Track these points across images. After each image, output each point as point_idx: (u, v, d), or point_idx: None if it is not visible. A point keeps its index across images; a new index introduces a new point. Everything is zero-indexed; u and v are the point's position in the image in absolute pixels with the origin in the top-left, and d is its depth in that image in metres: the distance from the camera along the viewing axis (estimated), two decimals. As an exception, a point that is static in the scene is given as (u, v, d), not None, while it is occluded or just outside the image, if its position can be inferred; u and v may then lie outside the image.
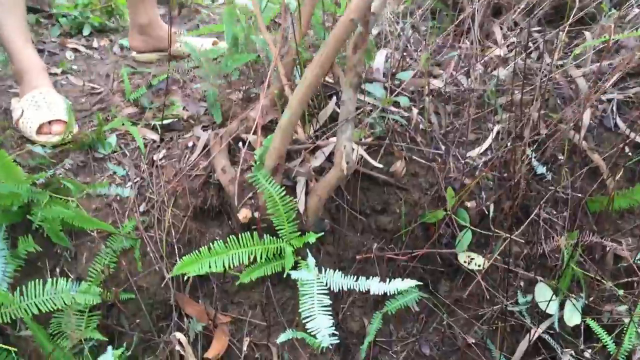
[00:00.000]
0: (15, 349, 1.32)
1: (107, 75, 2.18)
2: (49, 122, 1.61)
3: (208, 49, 1.95)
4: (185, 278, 1.52)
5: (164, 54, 2.22)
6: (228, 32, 1.83)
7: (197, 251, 1.36)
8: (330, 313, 1.29)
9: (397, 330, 1.71)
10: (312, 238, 1.44)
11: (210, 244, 1.37)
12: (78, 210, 1.45)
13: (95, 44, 2.62)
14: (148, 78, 2.04)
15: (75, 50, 2.52)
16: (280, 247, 1.43)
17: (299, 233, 1.45)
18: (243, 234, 1.39)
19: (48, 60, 2.34)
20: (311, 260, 1.40)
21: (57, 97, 1.68)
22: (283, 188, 1.41)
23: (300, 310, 1.31)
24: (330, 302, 1.30)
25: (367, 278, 1.37)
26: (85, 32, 2.74)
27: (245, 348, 1.55)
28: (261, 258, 1.40)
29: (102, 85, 2.08)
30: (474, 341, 1.68)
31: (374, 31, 2.16)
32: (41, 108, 1.61)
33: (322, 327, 1.27)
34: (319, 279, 1.36)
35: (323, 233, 1.50)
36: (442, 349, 1.70)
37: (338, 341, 1.24)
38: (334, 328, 1.25)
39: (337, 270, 1.36)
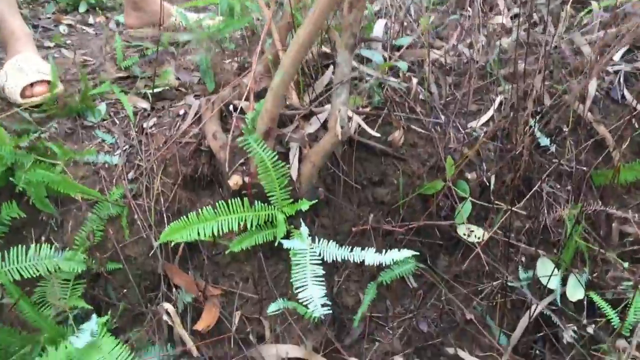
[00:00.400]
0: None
1: (101, 49, 2.13)
2: (31, 85, 1.57)
3: (202, 18, 1.90)
4: (174, 246, 1.47)
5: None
6: (223, 1, 1.78)
7: (185, 217, 1.30)
8: (323, 283, 1.24)
9: (394, 306, 1.66)
10: (305, 205, 1.38)
11: (199, 210, 1.31)
12: (64, 176, 1.40)
13: (90, 21, 2.58)
14: (142, 50, 1.99)
15: (70, 26, 2.47)
16: (272, 215, 1.38)
17: (291, 200, 1.40)
18: (233, 200, 1.34)
19: (42, 35, 2.30)
20: (304, 229, 1.35)
21: (40, 61, 1.65)
22: (275, 153, 1.36)
23: (292, 281, 1.26)
24: (324, 272, 1.25)
25: (363, 249, 1.32)
26: (82, 9, 2.69)
27: (236, 321, 1.50)
28: (252, 226, 1.35)
29: (95, 58, 2.03)
30: (473, 317, 1.63)
31: (375, 7, 2.10)
32: (23, 71, 1.57)
33: (314, 297, 1.22)
34: (312, 248, 1.31)
35: (317, 201, 1.45)
36: (440, 325, 1.65)
37: (330, 312, 1.19)
38: (326, 298, 1.21)
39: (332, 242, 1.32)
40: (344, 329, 1.61)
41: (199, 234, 1.29)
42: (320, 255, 1.30)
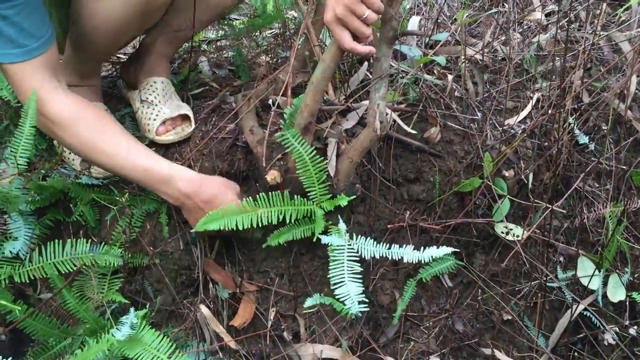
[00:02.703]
0: (20, 308, 1.27)
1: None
2: None
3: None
4: (210, 242, 1.46)
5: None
6: (256, -1, 1.78)
7: (224, 207, 1.29)
8: (360, 280, 1.23)
9: (429, 305, 1.64)
10: (343, 201, 1.37)
11: (239, 201, 1.30)
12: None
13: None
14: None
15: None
16: (311, 210, 1.36)
17: (329, 196, 1.38)
18: (274, 194, 1.33)
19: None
20: (342, 225, 1.34)
21: None
22: (314, 148, 1.35)
23: (329, 276, 1.25)
24: (361, 269, 1.24)
25: (401, 246, 1.30)
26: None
27: (271, 318, 1.49)
28: (290, 220, 1.34)
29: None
30: (510, 318, 1.60)
31: (407, 4, 2.09)
32: None
33: (351, 294, 1.21)
34: (349, 245, 1.29)
35: (354, 197, 1.44)
36: (476, 325, 1.62)
37: (368, 309, 1.18)
38: (363, 295, 1.19)
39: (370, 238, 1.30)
40: (379, 328, 1.59)
41: (237, 224, 1.28)
42: (357, 251, 1.29)
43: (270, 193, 1.34)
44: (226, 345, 1.42)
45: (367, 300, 1.18)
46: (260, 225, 1.30)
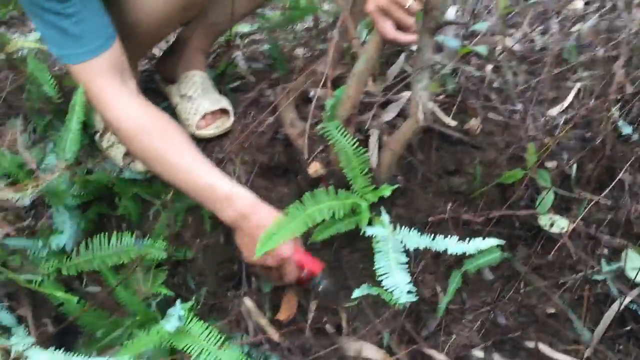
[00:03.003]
0: (77, 298, 1.28)
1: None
2: None
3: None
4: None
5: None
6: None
7: (274, 223, 1.25)
8: (407, 270, 1.21)
9: (471, 299, 1.62)
10: (387, 191, 1.36)
11: (287, 209, 1.28)
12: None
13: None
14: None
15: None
16: (356, 203, 1.35)
17: (372, 187, 1.37)
18: (317, 191, 1.32)
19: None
20: (385, 216, 1.33)
21: None
22: (356, 140, 1.34)
23: (375, 268, 1.24)
24: (407, 259, 1.23)
25: (444, 238, 1.29)
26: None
27: (312, 311, 1.49)
28: (338, 215, 1.32)
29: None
30: (554, 311, 1.58)
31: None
32: None
33: (399, 284, 1.20)
34: (394, 235, 1.28)
35: (394, 190, 1.42)
36: (519, 319, 1.60)
37: (415, 299, 1.16)
38: (411, 285, 1.18)
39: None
40: (420, 321, 1.57)
41: (293, 232, 1.27)
42: (402, 242, 1.28)
43: (314, 190, 1.32)
44: (269, 338, 1.42)
45: (414, 290, 1.17)
46: (313, 225, 1.29)
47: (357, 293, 1.27)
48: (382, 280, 1.21)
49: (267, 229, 1.23)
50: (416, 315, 1.57)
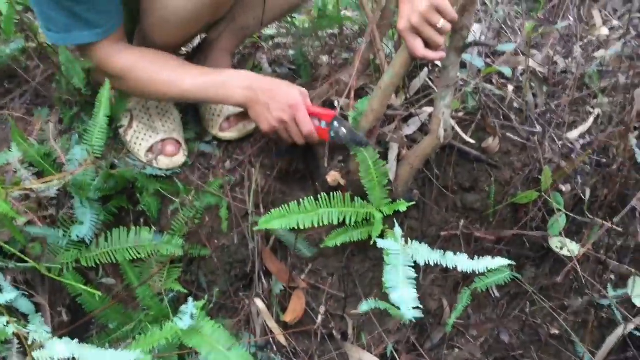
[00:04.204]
0: (99, 293, 1.31)
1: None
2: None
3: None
4: (266, 237, 1.48)
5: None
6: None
7: (287, 206, 1.31)
8: (415, 286, 1.23)
9: (476, 314, 1.64)
10: (402, 206, 1.38)
11: (301, 200, 1.32)
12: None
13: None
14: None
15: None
16: (370, 213, 1.38)
17: (389, 200, 1.39)
18: (334, 195, 1.35)
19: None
20: (398, 230, 1.35)
21: None
22: (377, 152, 1.36)
23: (384, 281, 1.26)
24: (416, 275, 1.25)
25: (455, 254, 1.31)
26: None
27: (320, 316, 1.51)
28: (350, 221, 1.35)
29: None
30: (557, 332, 1.60)
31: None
32: None
33: (406, 299, 1.22)
34: (405, 250, 1.30)
35: (413, 203, 1.45)
36: (522, 337, 1.62)
37: (423, 316, 1.19)
38: (418, 302, 1.20)
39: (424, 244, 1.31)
40: (425, 333, 1.60)
41: (298, 224, 1.30)
42: (412, 257, 1.30)
43: (331, 194, 1.35)
44: (276, 339, 1.45)
45: (421, 307, 1.19)
46: (320, 225, 1.32)
47: (364, 307, 1.29)
48: (389, 293, 1.24)
49: (276, 211, 1.31)
50: (421, 328, 1.60)
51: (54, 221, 1.37)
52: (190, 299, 1.26)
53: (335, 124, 1.35)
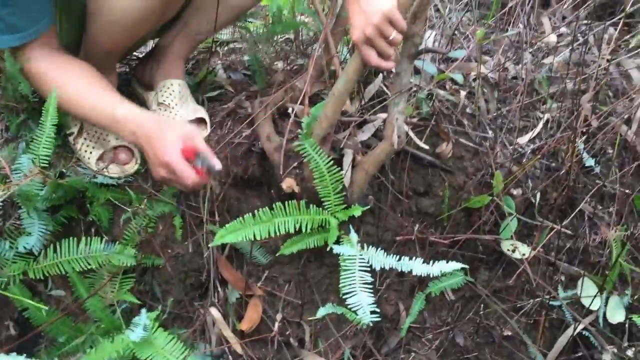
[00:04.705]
0: (47, 307, 1.27)
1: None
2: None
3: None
4: (221, 245, 1.47)
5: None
6: (273, 3, 1.79)
7: (241, 219, 1.31)
8: (371, 290, 1.24)
9: (431, 318, 1.66)
10: (357, 211, 1.39)
11: (256, 211, 1.32)
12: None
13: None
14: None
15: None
16: (325, 220, 1.38)
17: (344, 206, 1.40)
18: (289, 203, 1.35)
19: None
20: (353, 235, 1.36)
21: None
22: (331, 158, 1.37)
23: (340, 286, 1.27)
24: (372, 279, 1.26)
25: (410, 259, 1.32)
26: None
27: (277, 323, 1.50)
28: (306, 229, 1.35)
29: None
30: (510, 334, 1.63)
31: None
32: None
33: (363, 304, 1.23)
34: (361, 255, 1.31)
35: (368, 207, 1.46)
36: (477, 340, 1.65)
37: (379, 319, 1.20)
38: (375, 305, 1.21)
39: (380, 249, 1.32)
40: (382, 338, 1.61)
41: (254, 235, 1.30)
42: (368, 262, 1.31)
43: (286, 202, 1.35)
44: (232, 348, 1.43)
45: (378, 311, 1.20)
46: (277, 234, 1.31)
47: (321, 312, 1.29)
48: (346, 299, 1.24)
49: (230, 225, 1.30)
50: (378, 332, 1.61)
51: (0, 232, 1.33)
52: (143, 310, 1.24)
53: (199, 161, 1.23)
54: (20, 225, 1.32)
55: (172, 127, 1.27)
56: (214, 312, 1.43)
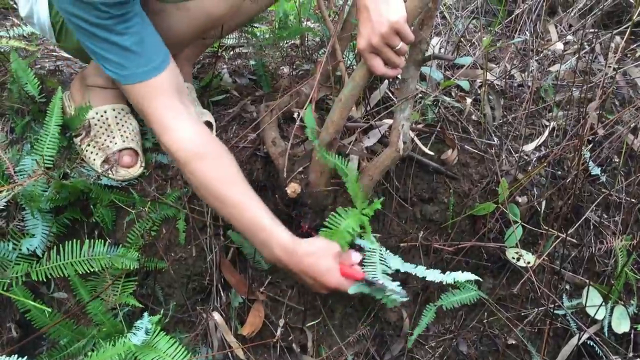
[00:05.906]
0: (49, 310, 1.27)
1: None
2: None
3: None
4: (225, 249, 1.47)
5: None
6: (280, 8, 1.79)
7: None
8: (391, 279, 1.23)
9: (435, 325, 1.65)
10: (378, 205, 1.36)
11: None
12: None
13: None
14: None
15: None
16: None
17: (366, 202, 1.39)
18: (338, 209, 1.32)
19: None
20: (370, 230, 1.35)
21: None
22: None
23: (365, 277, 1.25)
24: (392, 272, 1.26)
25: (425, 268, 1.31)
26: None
27: (280, 329, 1.50)
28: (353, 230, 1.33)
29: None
30: (514, 342, 1.62)
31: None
32: None
33: (389, 286, 1.22)
34: (380, 249, 1.31)
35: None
36: (480, 348, 1.64)
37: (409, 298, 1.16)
38: (401, 287, 1.21)
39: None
40: (385, 345, 1.60)
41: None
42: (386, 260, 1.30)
43: (324, 211, 1.32)
44: (234, 353, 1.43)
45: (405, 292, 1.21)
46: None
47: (352, 290, 1.27)
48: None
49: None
50: (381, 339, 1.59)
51: (3, 233, 1.33)
52: (145, 314, 1.24)
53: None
54: (24, 227, 1.32)
55: (322, 254, 1.24)
56: (217, 316, 1.43)
